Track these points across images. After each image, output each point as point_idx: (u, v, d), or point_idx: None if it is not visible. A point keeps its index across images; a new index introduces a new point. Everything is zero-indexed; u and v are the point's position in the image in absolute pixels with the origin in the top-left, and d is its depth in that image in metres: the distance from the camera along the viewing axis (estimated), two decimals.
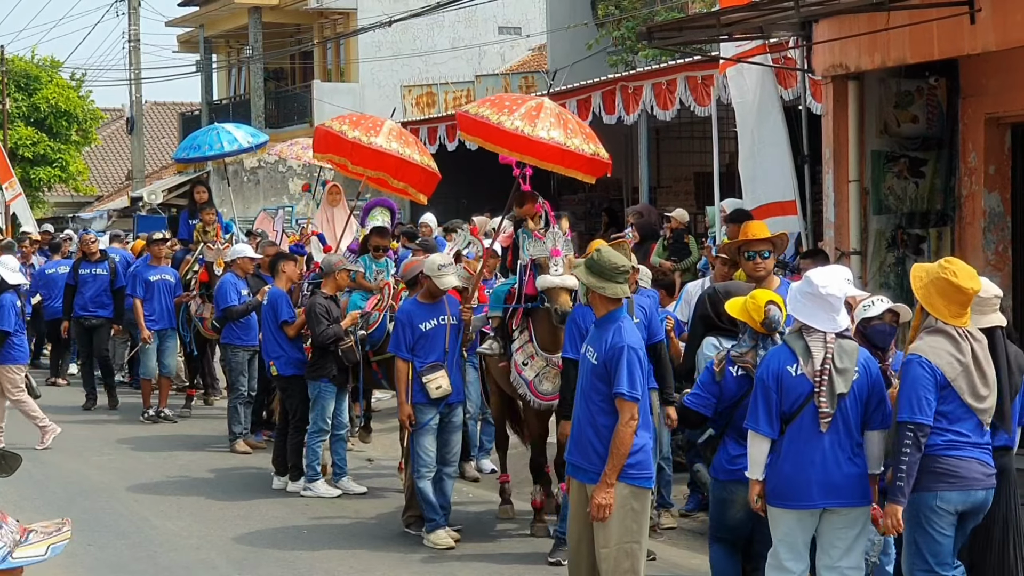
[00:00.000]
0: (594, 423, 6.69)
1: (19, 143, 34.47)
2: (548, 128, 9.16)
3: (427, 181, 11.79)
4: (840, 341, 6.25)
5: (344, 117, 12.41)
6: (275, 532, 9.84)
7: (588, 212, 21.00)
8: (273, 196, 30.00)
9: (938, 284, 6.28)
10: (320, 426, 10.95)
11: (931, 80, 10.99)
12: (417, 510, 9.56)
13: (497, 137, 9.32)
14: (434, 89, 27.57)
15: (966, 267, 6.38)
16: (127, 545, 9.50)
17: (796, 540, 6.29)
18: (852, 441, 6.23)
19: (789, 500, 6.25)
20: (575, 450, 6.87)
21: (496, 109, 9.39)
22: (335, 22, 35.32)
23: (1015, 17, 8.94)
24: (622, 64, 22.28)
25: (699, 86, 14.33)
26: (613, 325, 6.70)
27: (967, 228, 10.95)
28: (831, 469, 6.17)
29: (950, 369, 6.20)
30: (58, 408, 16.14)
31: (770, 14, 10.07)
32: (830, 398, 6.14)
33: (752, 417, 6.33)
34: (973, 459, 6.25)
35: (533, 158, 9.30)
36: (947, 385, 6.21)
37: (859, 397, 6.24)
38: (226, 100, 38.46)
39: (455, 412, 9.55)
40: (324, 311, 10.79)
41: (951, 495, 6.22)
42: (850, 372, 6.20)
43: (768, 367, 6.35)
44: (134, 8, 33.96)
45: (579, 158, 9.31)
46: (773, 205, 11.81)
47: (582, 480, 6.80)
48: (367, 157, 11.47)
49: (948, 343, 6.26)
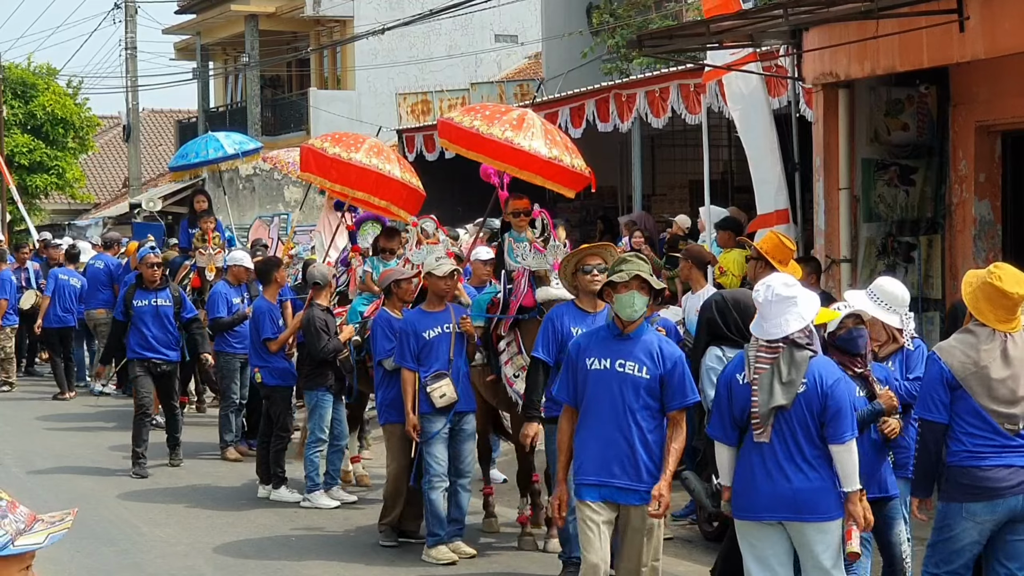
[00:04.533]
0: (645, 441, 6.50)
1: (16, 150, 34.45)
2: (531, 138, 9.13)
3: (410, 198, 11.69)
4: (791, 351, 5.98)
5: (327, 135, 12.41)
6: (263, 540, 9.81)
7: (583, 220, 20.98)
8: (268, 204, 30.03)
9: (984, 290, 6.24)
10: (318, 436, 10.88)
11: (921, 88, 11.01)
12: (391, 518, 9.43)
13: (479, 145, 9.28)
14: (429, 97, 27.57)
15: (1014, 272, 6.29)
16: (114, 552, 9.48)
17: (763, 553, 6.08)
18: (804, 454, 5.97)
19: (739, 510, 6.15)
20: (620, 473, 6.53)
21: (478, 117, 9.35)
22: (331, 30, 35.36)
23: (1004, 25, 8.95)
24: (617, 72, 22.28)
25: (691, 94, 14.33)
26: (645, 335, 6.66)
27: (957, 236, 10.96)
28: (778, 481, 5.95)
29: (960, 368, 6.16)
30: (49, 416, 16.17)
31: (760, 22, 10.09)
32: (762, 407, 5.94)
33: (711, 423, 6.31)
34: (999, 467, 6.15)
35: (514, 167, 9.26)
36: (958, 385, 6.16)
37: (807, 409, 5.96)
38: (223, 108, 38.49)
39: (466, 421, 9.24)
40: (323, 325, 10.72)
41: (976, 507, 6.16)
42: (794, 384, 5.94)
43: (723, 373, 6.29)
44: (131, 16, 33.98)
45: (561, 170, 9.25)
46: (771, 215, 11.80)
47: (623, 502, 6.55)
48: (347, 174, 11.44)
49: (969, 341, 6.22)
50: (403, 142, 20.67)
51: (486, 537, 9.73)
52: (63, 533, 3.33)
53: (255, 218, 23.30)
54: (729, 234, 12.30)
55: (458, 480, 9.23)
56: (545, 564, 8.97)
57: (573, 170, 9.36)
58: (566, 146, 9.51)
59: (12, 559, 3.27)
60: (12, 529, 3.25)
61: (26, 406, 17.23)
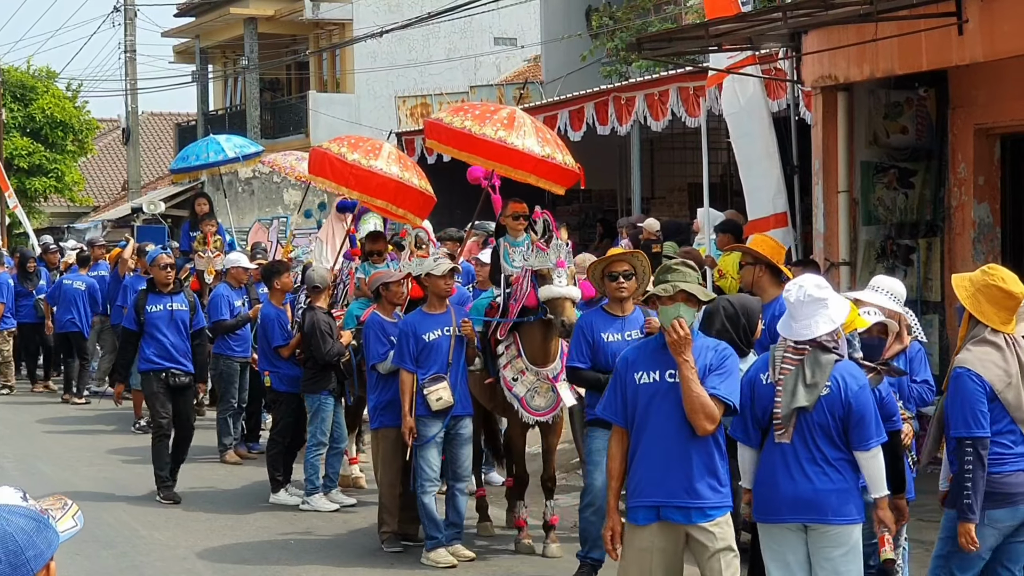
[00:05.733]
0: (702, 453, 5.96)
1: (15, 153, 34.46)
2: (523, 136, 9.11)
3: (424, 205, 11.63)
4: (816, 353, 5.92)
5: (342, 139, 11.89)
6: (262, 543, 9.80)
7: (582, 223, 21.00)
8: (268, 207, 30.02)
9: (987, 291, 6.21)
10: (319, 439, 10.87)
11: (920, 91, 11.01)
12: (391, 525, 9.45)
13: (471, 145, 9.24)
14: (429, 100, 27.59)
15: (1009, 272, 6.30)
16: (113, 555, 9.47)
17: (784, 557, 5.98)
18: (826, 456, 5.90)
19: (760, 513, 6.05)
20: (680, 491, 5.94)
21: (468, 117, 9.28)
22: (331, 33, 35.37)
23: (1003, 28, 8.95)
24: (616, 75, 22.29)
25: (691, 97, 14.34)
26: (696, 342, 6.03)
27: (956, 239, 10.96)
28: (800, 483, 5.84)
29: (999, 382, 6.11)
30: (48, 419, 16.16)
31: (759, 25, 10.09)
32: (783, 408, 5.86)
33: (732, 424, 6.20)
34: (1019, 471, 6.14)
35: (508, 167, 9.24)
36: (994, 398, 6.10)
37: (829, 412, 5.88)
38: (222, 111, 38.50)
39: (463, 425, 9.17)
40: (328, 328, 10.69)
41: (997, 513, 6.12)
42: (818, 387, 5.87)
43: (746, 374, 6.19)
44: (130, 19, 34.02)
45: (554, 168, 9.22)
46: (769, 218, 11.79)
47: (678, 521, 5.95)
48: (367, 181, 11.08)
49: (996, 354, 6.16)
50: (403, 145, 20.68)
51: (481, 540, 9.72)
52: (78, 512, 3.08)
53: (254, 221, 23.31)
54: (728, 237, 12.29)
55: (455, 484, 9.21)
56: (543, 567, 8.98)
57: (565, 167, 9.34)
58: (556, 143, 9.51)
59: None
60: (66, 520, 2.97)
61: (25, 409, 17.24)
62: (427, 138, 9.80)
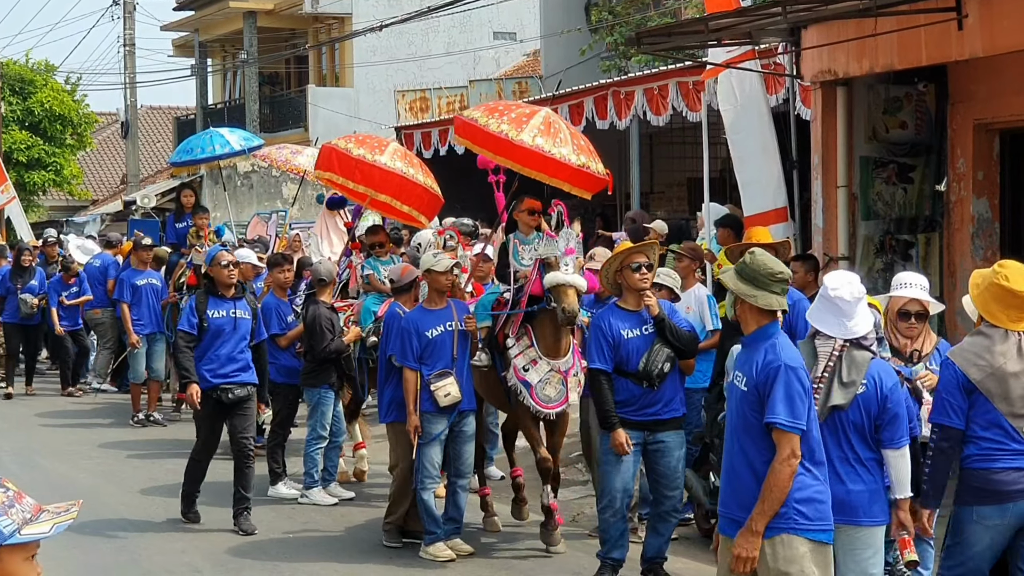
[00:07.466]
0: (752, 466, 5.52)
1: (13, 147, 34.41)
2: (534, 135, 9.08)
3: (431, 203, 11.68)
4: (852, 351, 5.88)
5: (349, 136, 12.31)
6: (260, 537, 9.80)
7: (582, 217, 20.94)
8: (267, 200, 30.01)
9: (992, 290, 6.15)
10: (319, 432, 10.87)
11: (920, 86, 11.00)
12: (397, 517, 9.44)
13: (482, 139, 9.26)
14: (428, 94, 27.55)
15: (1019, 270, 6.18)
16: (112, 549, 9.47)
17: None
18: (859, 456, 5.89)
19: None
20: (730, 502, 5.68)
21: (504, 120, 9.24)
22: (330, 27, 35.35)
23: (1002, 23, 8.95)
24: (615, 70, 22.29)
25: (691, 92, 14.33)
26: (766, 342, 5.58)
27: (955, 234, 10.95)
28: (832, 484, 5.68)
29: (976, 371, 6.07)
30: (47, 413, 16.16)
31: (758, 19, 10.07)
32: (821, 407, 5.79)
33: None
34: (1010, 469, 6.07)
35: (515, 163, 9.23)
36: (973, 389, 6.08)
37: (864, 411, 5.86)
38: (221, 104, 38.45)
39: (466, 422, 9.16)
40: (329, 324, 10.68)
41: (986, 510, 6.09)
42: (855, 385, 5.84)
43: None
44: (129, 12, 33.96)
45: (564, 168, 9.15)
46: (769, 213, 11.78)
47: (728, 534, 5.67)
48: (371, 175, 11.32)
49: (983, 344, 6.13)
50: (401, 139, 20.65)
51: (487, 537, 9.72)
52: (67, 523, 3.40)
53: (253, 215, 23.30)
54: (728, 231, 12.29)
55: (457, 480, 9.21)
56: (544, 563, 8.98)
57: (598, 176, 9.38)
58: (589, 150, 9.48)
59: (17, 548, 3.33)
60: (19, 518, 3.32)
61: (24, 403, 17.22)
62: (458, 136, 9.75)
